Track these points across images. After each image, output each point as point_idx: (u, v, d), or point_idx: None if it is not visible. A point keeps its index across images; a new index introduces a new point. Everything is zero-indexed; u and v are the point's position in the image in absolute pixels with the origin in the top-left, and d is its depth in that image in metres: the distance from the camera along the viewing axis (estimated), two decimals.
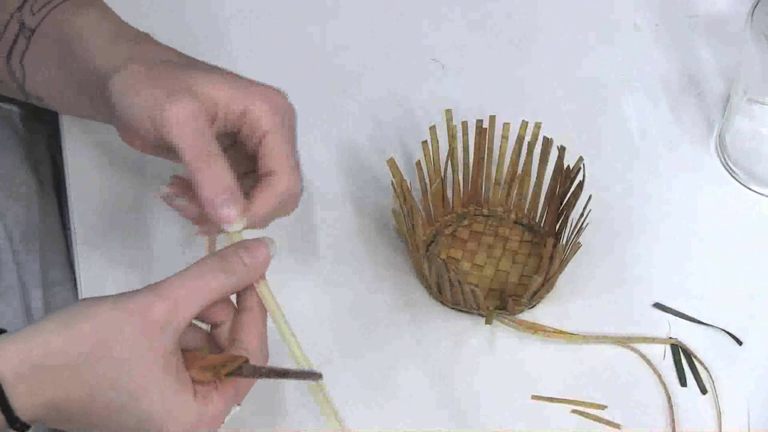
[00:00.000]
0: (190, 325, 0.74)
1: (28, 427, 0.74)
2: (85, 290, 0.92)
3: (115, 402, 0.72)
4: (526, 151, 0.94)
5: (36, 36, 0.90)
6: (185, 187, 0.82)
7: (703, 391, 0.87)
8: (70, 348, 0.71)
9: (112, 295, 0.73)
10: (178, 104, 0.79)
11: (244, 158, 0.83)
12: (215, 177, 0.79)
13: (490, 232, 0.95)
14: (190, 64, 0.84)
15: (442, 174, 0.93)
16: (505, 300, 0.90)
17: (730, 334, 0.89)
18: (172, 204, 0.82)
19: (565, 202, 0.90)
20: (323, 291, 0.92)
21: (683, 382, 0.87)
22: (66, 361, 0.71)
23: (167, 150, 0.81)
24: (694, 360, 0.88)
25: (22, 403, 0.71)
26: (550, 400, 0.87)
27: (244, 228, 0.80)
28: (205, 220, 0.81)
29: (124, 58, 0.83)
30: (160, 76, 0.81)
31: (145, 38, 0.87)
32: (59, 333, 0.71)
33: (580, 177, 0.89)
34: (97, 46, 0.86)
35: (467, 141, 0.94)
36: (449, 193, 0.95)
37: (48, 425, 0.75)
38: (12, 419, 0.71)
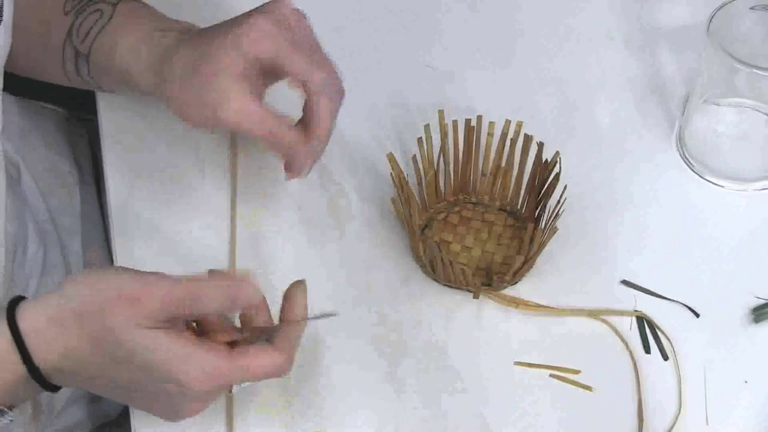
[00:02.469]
0: None
1: (56, 387, 0.75)
2: None
3: (116, 355, 0.72)
4: (509, 147, 0.94)
5: (91, 60, 0.90)
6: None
7: (665, 357, 0.87)
8: (78, 306, 0.72)
9: (119, 274, 0.73)
10: (225, 108, 0.81)
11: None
12: (281, 140, 0.83)
13: (478, 217, 0.95)
14: (205, 52, 0.84)
15: (435, 166, 0.94)
16: (491, 277, 0.90)
17: (688, 308, 0.90)
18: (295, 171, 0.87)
19: (543, 191, 0.91)
20: (330, 269, 0.92)
21: (647, 350, 0.87)
22: (74, 314, 0.72)
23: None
24: (656, 330, 0.88)
25: (41, 356, 0.72)
26: (531, 365, 0.87)
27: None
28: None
29: (162, 87, 0.85)
30: (196, 89, 0.83)
31: (169, 55, 0.86)
32: (72, 291, 0.72)
33: (556, 169, 0.90)
34: (141, 79, 0.87)
35: (457, 137, 0.94)
36: (441, 183, 0.95)
37: (66, 382, 0.75)
38: (32, 369, 0.72)
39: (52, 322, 0.72)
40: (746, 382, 0.86)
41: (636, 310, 0.90)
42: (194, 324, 0.75)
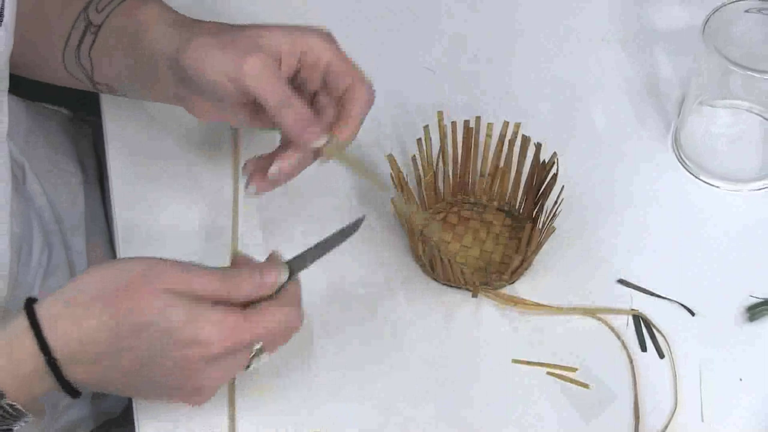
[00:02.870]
0: None
1: (77, 393, 0.75)
2: None
3: (135, 323, 0.72)
4: (507, 148, 0.94)
5: (102, 31, 0.89)
6: (258, 164, 0.85)
7: (661, 355, 0.87)
8: (97, 285, 0.72)
9: (142, 261, 0.74)
10: (252, 58, 0.80)
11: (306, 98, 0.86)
12: (295, 110, 0.81)
13: (476, 217, 0.95)
14: (246, 26, 0.84)
15: (434, 167, 0.94)
16: (489, 276, 0.90)
17: (683, 306, 0.90)
18: (264, 181, 0.85)
19: (541, 191, 0.91)
20: (332, 269, 0.91)
21: (643, 348, 0.88)
22: (92, 294, 0.72)
23: (240, 109, 0.83)
24: (652, 328, 0.88)
25: (58, 344, 0.72)
26: (528, 363, 0.87)
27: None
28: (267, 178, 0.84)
29: (187, 36, 0.83)
30: (226, 41, 0.82)
31: (200, 21, 0.87)
32: (89, 276, 0.73)
33: (554, 170, 0.90)
34: (160, 33, 0.86)
35: (456, 139, 0.94)
36: (440, 183, 0.95)
37: (84, 378, 0.75)
38: (50, 360, 0.72)
39: (70, 304, 0.72)
40: (741, 379, 0.86)
41: (632, 309, 0.90)
42: None
